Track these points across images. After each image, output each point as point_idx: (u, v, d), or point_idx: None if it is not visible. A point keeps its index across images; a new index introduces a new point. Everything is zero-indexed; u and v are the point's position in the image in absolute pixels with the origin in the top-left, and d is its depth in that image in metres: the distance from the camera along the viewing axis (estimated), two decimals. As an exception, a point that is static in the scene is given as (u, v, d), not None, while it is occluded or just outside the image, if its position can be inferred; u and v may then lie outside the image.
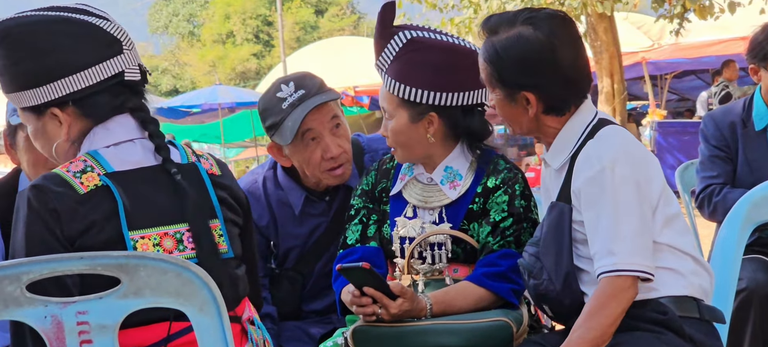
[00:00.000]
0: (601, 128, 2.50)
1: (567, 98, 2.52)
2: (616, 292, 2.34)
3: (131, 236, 2.19)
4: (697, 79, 19.14)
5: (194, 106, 21.04)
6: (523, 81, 2.47)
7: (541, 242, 2.52)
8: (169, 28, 56.18)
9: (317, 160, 3.05)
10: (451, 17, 13.07)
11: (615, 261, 2.34)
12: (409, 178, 2.83)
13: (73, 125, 2.30)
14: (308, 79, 3.07)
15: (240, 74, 46.47)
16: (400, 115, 2.74)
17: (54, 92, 2.26)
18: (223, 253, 2.33)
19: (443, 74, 2.72)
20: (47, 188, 2.17)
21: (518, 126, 2.55)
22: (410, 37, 2.72)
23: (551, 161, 2.57)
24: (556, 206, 2.51)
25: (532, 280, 2.53)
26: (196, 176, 2.34)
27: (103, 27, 2.27)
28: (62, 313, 1.95)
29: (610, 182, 2.37)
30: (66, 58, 2.23)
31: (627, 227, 2.35)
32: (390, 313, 2.55)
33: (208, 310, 2.01)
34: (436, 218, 2.77)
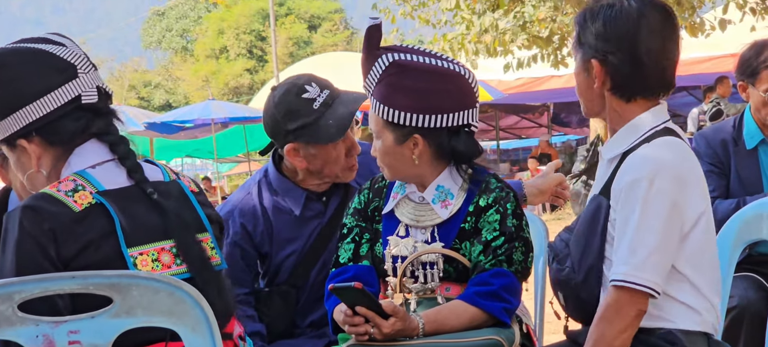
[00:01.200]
0: (663, 137, 2.47)
1: (633, 82, 2.47)
2: (622, 304, 2.35)
3: (130, 253, 2.18)
4: (688, 96, 19.22)
5: (187, 121, 20.99)
6: (596, 47, 2.46)
7: (575, 231, 2.53)
8: (163, 43, 56.22)
9: (343, 156, 3.10)
10: (444, 33, 13.10)
11: (627, 271, 2.34)
12: (402, 197, 2.84)
13: (44, 155, 2.30)
14: (319, 79, 3.11)
15: (233, 89, 46.47)
16: (385, 136, 2.75)
17: (14, 124, 2.26)
18: (217, 265, 2.33)
19: (426, 97, 2.71)
20: (41, 208, 2.15)
21: (588, 101, 2.55)
22: (393, 59, 2.71)
23: (605, 151, 2.57)
24: (596, 199, 2.51)
25: (555, 264, 2.55)
26: (180, 192, 2.35)
27: (57, 53, 2.26)
28: (54, 333, 1.95)
29: (645, 192, 2.35)
30: (20, 89, 2.23)
31: (648, 241, 2.34)
32: (382, 333, 2.55)
33: (201, 329, 2.02)
34: (428, 237, 2.77)
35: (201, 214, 2.35)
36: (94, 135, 2.30)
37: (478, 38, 12.38)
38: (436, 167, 2.79)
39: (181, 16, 55.75)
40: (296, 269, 3.18)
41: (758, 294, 3.48)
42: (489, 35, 12.27)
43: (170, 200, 2.28)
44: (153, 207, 2.24)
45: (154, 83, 52.95)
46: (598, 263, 2.47)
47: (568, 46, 12.98)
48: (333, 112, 3.02)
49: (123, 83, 49.31)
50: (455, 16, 12.94)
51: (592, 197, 2.54)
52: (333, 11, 50.48)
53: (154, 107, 47.63)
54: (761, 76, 3.65)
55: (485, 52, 12.55)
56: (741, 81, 3.76)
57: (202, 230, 2.33)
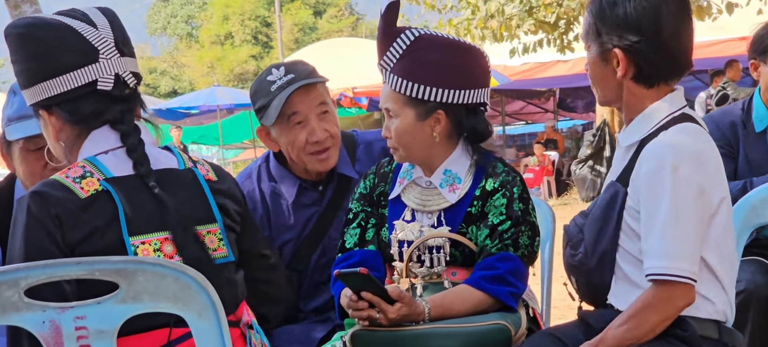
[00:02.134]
0: (680, 123, 2.45)
1: (659, 68, 2.46)
2: (663, 299, 2.34)
3: (132, 242, 2.19)
4: (695, 80, 19.15)
5: (193, 107, 21.06)
6: (619, 36, 2.43)
7: (589, 216, 2.52)
8: (168, 30, 56.21)
9: (302, 143, 3.06)
10: (450, 18, 13.07)
11: (667, 264, 2.32)
12: (408, 182, 2.83)
13: (63, 129, 2.33)
14: (300, 65, 3.11)
15: (238, 76, 46.48)
16: (405, 114, 2.74)
17: (37, 95, 2.30)
18: (223, 257, 2.33)
19: (450, 71, 2.72)
20: (48, 194, 2.17)
21: (605, 90, 2.52)
22: (418, 34, 2.72)
23: (622, 139, 2.55)
24: (613, 186, 2.49)
25: (569, 249, 2.54)
26: (193, 181, 2.35)
27: (85, 34, 2.27)
28: (61, 318, 1.95)
29: (671, 181, 2.33)
30: (44, 63, 2.27)
31: (681, 231, 2.33)
32: (388, 318, 2.54)
33: (207, 315, 2.02)
34: (435, 222, 2.77)
35: (212, 204, 2.35)
36: (109, 122, 2.31)
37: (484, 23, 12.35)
38: (449, 148, 2.79)
39: (185, 2, 55.72)
40: (295, 255, 3.19)
41: (765, 279, 3.46)
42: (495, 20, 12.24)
43: (173, 194, 2.28)
44: (155, 199, 2.25)
45: (160, 70, 52.96)
46: (611, 250, 2.46)
47: (574, 31, 12.94)
48: (282, 94, 3.02)
49: (129, 70, 49.18)
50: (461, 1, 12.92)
51: (608, 184, 2.52)
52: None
53: (159, 93, 47.67)
54: None
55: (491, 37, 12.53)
56: (753, 59, 3.75)
57: (210, 221, 2.33)
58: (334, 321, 3.04)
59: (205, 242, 2.30)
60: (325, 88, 3.12)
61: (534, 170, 17.49)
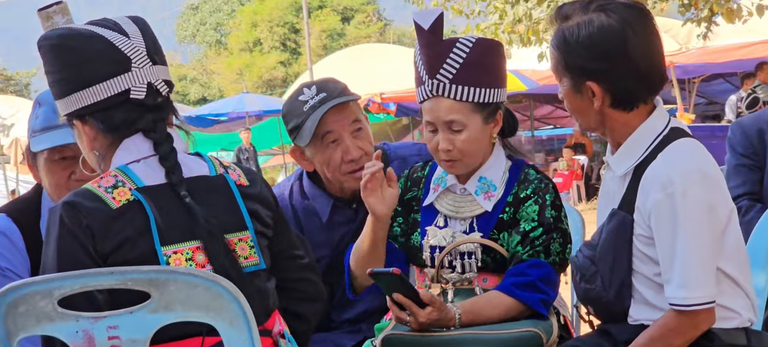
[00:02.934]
0: (673, 141, 2.42)
1: (635, 91, 2.43)
2: (683, 328, 2.34)
3: (164, 252, 2.20)
4: (725, 83, 19.02)
5: (222, 114, 21.16)
6: (590, 68, 2.39)
7: (599, 248, 2.49)
8: (197, 38, 56.48)
9: (337, 162, 3.06)
10: (477, 23, 13.05)
11: (686, 295, 2.31)
12: (443, 189, 2.83)
13: (96, 138, 2.34)
14: (331, 83, 3.10)
15: (267, 82, 46.62)
16: (473, 122, 2.71)
17: (71, 105, 2.31)
18: (254, 265, 2.33)
19: (501, 70, 2.76)
20: (80, 205, 2.18)
21: (585, 119, 2.50)
22: (476, 38, 2.71)
23: (615, 166, 2.51)
24: (618, 215, 2.46)
25: (583, 283, 2.52)
26: (224, 188, 2.36)
27: (116, 44, 2.28)
28: (94, 328, 1.97)
29: (682, 207, 2.31)
30: (78, 73, 2.28)
31: (698, 257, 2.32)
32: (418, 321, 2.55)
33: (238, 324, 2.02)
34: (467, 228, 2.76)
35: (243, 211, 2.35)
36: (141, 130, 2.32)
37: (511, 28, 12.32)
38: (489, 152, 2.80)
39: (214, 9, 55.97)
40: (328, 269, 3.19)
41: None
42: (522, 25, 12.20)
43: (204, 202, 2.28)
44: (185, 208, 2.25)
45: (189, 78, 53.22)
46: (628, 278, 2.45)
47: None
48: (315, 114, 3.00)
49: (158, 78, 49.45)
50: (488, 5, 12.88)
51: (611, 212, 2.48)
52: (366, 3, 50.45)
53: (189, 101, 47.92)
54: None
55: (519, 41, 12.49)
56: None
57: (242, 228, 2.33)
58: (365, 333, 3.05)
59: (237, 250, 2.30)
60: (357, 105, 3.11)
61: (563, 175, 17.42)
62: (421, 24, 2.67)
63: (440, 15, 2.67)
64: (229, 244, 2.28)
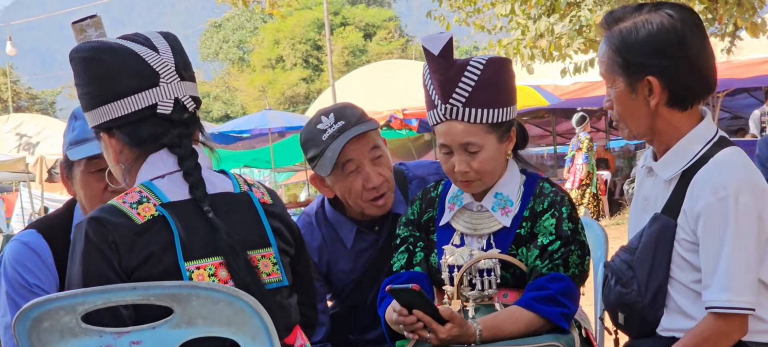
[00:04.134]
0: (723, 148, 2.44)
1: (693, 87, 2.45)
2: (727, 330, 2.34)
3: (187, 267, 2.20)
4: (749, 97, 18.90)
5: (244, 131, 21.20)
6: (649, 63, 2.42)
7: (638, 252, 2.49)
8: (220, 55, 56.77)
9: (358, 190, 3.06)
10: (499, 39, 13.04)
11: (729, 297, 2.31)
12: (459, 207, 2.82)
13: (123, 151, 2.36)
14: (348, 109, 3.09)
15: (289, 99, 46.74)
16: (489, 142, 2.72)
17: (99, 117, 2.33)
18: (278, 281, 2.34)
19: (512, 87, 2.76)
20: (105, 220, 2.20)
21: (635, 123, 2.50)
22: (488, 58, 2.71)
23: (661, 171, 2.51)
24: (660, 219, 2.46)
25: (618, 287, 2.51)
26: (249, 205, 2.36)
27: (146, 58, 2.30)
28: (117, 343, 1.98)
29: (733, 212, 2.32)
30: (107, 86, 2.30)
31: (744, 263, 2.32)
32: (439, 338, 2.54)
33: (260, 339, 2.03)
34: (484, 245, 2.76)
35: (267, 228, 2.35)
36: (167, 145, 2.34)
37: (533, 43, 12.29)
38: (504, 168, 2.80)
39: (237, 27, 56.25)
40: (353, 292, 3.20)
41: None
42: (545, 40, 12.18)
43: (228, 218, 2.28)
44: (209, 224, 2.26)
45: (213, 95, 53.48)
46: (665, 284, 2.45)
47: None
48: (334, 144, 3.00)
49: (181, 95, 49.75)
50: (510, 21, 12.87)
51: (653, 217, 2.49)
52: (387, 19, 50.57)
53: (212, 118, 48.15)
54: None
55: (541, 56, 12.46)
56: None
57: (265, 245, 2.34)
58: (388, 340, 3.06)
59: (260, 267, 2.30)
60: (377, 133, 3.11)
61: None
62: (431, 50, 2.67)
63: (450, 39, 2.67)
64: (252, 260, 2.29)
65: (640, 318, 2.48)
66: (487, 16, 13.30)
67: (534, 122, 23.06)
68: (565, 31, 11.96)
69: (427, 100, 2.77)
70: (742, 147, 2.53)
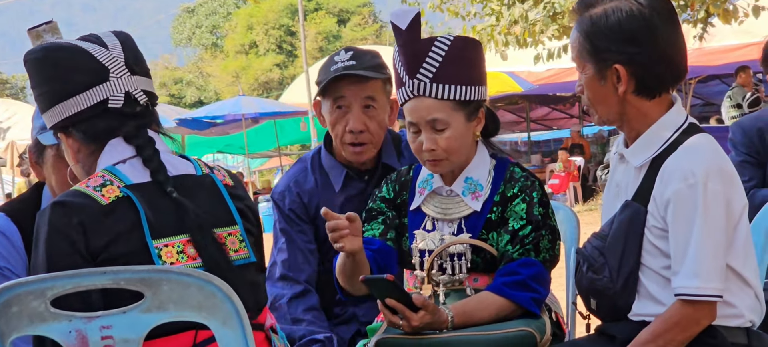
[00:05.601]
0: (693, 135, 2.45)
1: (661, 76, 2.46)
2: (689, 320, 2.35)
3: (155, 245, 2.22)
4: (721, 84, 19.05)
5: (218, 117, 21.12)
6: (617, 50, 2.42)
7: (609, 239, 2.50)
8: (193, 40, 56.51)
9: (341, 130, 3.12)
10: (474, 25, 13.05)
11: (698, 285, 2.33)
12: (429, 192, 2.82)
13: (81, 149, 2.39)
14: (368, 55, 3.14)
15: (263, 84, 46.64)
16: (456, 120, 2.71)
17: (54, 117, 2.36)
18: (244, 258, 2.36)
19: (481, 66, 2.75)
20: (70, 203, 2.21)
21: (605, 109, 2.50)
22: (453, 37, 2.70)
23: (632, 158, 2.52)
24: (631, 206, 2.47)
25: (590, 273, 2.52)
26: (211, 186, 2.39)
27: (96, 55, 2.34)
28: (87, 328, 1.97)
29: (702, 198, 2.33)
30: (60, 85, 2.34)
31: (713, 250, 2.33)
32: (411, 325, 2.54)
33: (232, 323, 2.02)
34: (455, 230, 2.76)
35: (231, 207, 2.37)
36: (123, 136, 2.36)
37: (507, 29, 12.31)
38: (473, 151, 2.80)
39: (210, 12, 56.00)
40: None
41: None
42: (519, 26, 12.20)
43: (192, 197, 2.31)
44: (173, 203, 2.28)
45: (185, 80, 53.25)
46: (636, 270, 2.46)
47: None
48: (333, 76, 3.06)
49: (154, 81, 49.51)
50: (485, 7, 12.88)
51: (624, 204, 2.50)
52: (362, 5, 50.50)
53: (185, 104, 47.92)
54: None
55: (515, 43, 12.49)
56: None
57: (230, 223, 2.36)
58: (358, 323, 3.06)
59: (227, 244, 2.33)
60: (380, 85, 3.12)
61: (560, 176, 17.43)
62: (399, 24, 2.67)
63: (417, 14, 2.67)
64: (219, 238, 2.31)
65: (611, 304, 2.49)
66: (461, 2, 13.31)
67: (508, 108, 23.14)
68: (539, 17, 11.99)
69: (395, 79, 2.78)
70: (715, 133, 2.55)
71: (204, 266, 2.24)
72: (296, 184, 3.27)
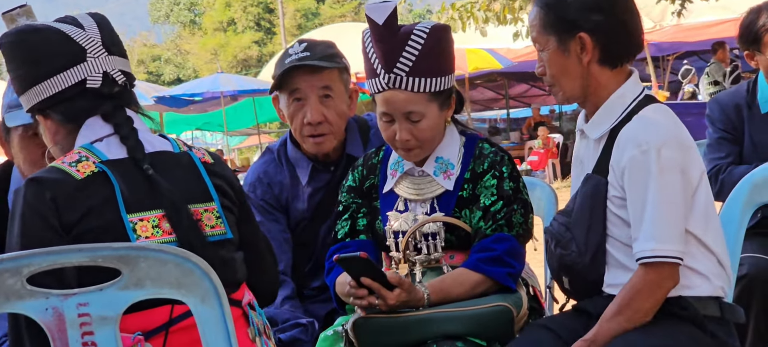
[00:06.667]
0: (648, 105, 2.49)
1: (623, 45, 2.50)
2: (653, 283, 2.37)
3: (130, 219, 2.23)
4: (699, 60, 19.11)
5: (196, 94, 21.02)
6: (581, 19, 2.46)
7: (574, 213, 2.52)
8: (171, 17, 56.14)
9: (299, 122, 3.11)
10: (453, 2, 13.03)
11: (655, 246, 2.35)
12: (401, 174, 2.82)
13: (58, 131, 2.39)
14: (321, 46, 3.13)
15: (242, 62, 46.47)
16: (431, 110, 2.71)
17: (31, 99, 2.36)
18: (221, 234, 2.36)
19: (452, 53, 2.75)
20: (43, 179, 2.21)
21: (569, 82, 2.52)
22: (431, 25, 2.70)
23: (590, 131, 2.56)
24: (592, 179, 2.50)
25: (558, 249, 2.54)
26: (189, 163, 2.39)
27: (72, 36, 2.33)
28: (63, 305, 1.96)
29: (656, 164, 2.36)
30: (36, 66, 2.33)
31: (669, 213, 2.36)
32: (387, 304, 2.54)
33: (210, 301, 2.02)
34: (428, 210, 2.77)
35: (208, 183, 2.38)
36: (101, 115, 2.36)
37: (487, 6, 12.30)
38: (442, 132, 2.79)
39: (188, -11, 55.63)
40: (304, 230, 3.23)
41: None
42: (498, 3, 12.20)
43: (168, 174, 2.31)
44: (148, 180, 2.28)
45: (164, 58, 52.96)
46: (603, 242, 2.48)
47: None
48: (287, 69, 3.05)
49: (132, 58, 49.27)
50: (464, -16, 12.87)
51: (585, 177, 2.53)
52: (340, -18, 50.28)
53: (163, 81, 47.67)
54: (765, 41, 3.61)
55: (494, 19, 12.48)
56: (746, 50, 3.71)
57: (207, 199, 2.36)
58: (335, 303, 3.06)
59: (203, 220, 2.34)
60: (336, 74, 3.12)
61: (538, 153, 17.47)
62: (375, 19, 2.65)
63: (394, 9, 2.65)
64: (195, 214, 2.31)
65: (582, 279, 2.51)
66: (440, -21, 13.28)
67: (487, 85, 23.16)
68: (519, -6, 11.98)
69: (368, 68, 2.75)
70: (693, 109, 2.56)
71: (177, 241, 2.24)
72: (266, 175, 3.26)
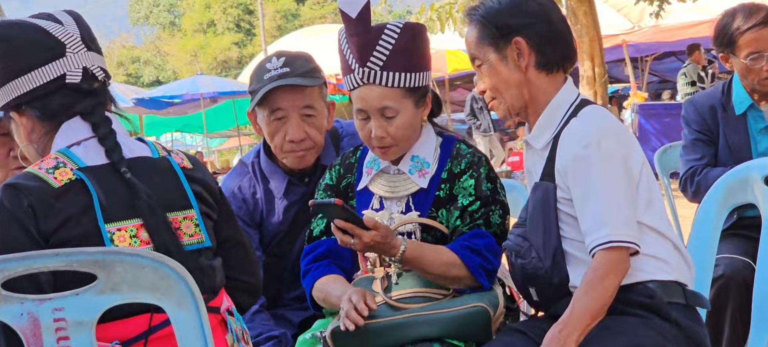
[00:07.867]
0: (584, 107, 2.53)
1: (558, 49, 2.55)
2: (613, 264, 2.37)
3: (108, 229, 2.20)
4: (677, 61, 19.21)
5: (176, 96, 20.96)
6: (515, 23, 2.51)
7: (528, 222, 2.55)
8: (150, 19, 55.98)
9: (280, 140, 3.08)
10: (432, 3, 13.06)
11: (608, 232, 2.36)
12: (376, 172, 2.83)
13: (34, 129, 2.35)
14: (300, 60, 3.10)
15: (221, 63, 46.37)
16: (405, 107, 2.72)
17: (7, 95, 2.32)
18: (199, 242, 2.34)
19: (427, 51, 2.77)
20: (21, 186, 2.18)
21: (510, 93, 2.56)
22: (404, 23, 2.71)
23: (534, 141, 2.60)
24: (541, 186, 2.53)
25: (519, 260, 2.55)
26: (168, 169, 2.36)
27: (51, 31, 2.30)
28: (39, 310, 1.94)
29: (596, 157, 2.40)
30: (13, 61, 2.29)
31: (616, 200, 2.38)
32: (363, 242, 2.54)
33: (186, 305, 2.01)
34: (403, 208, 2.78)
35: (188, 190, 2.35)
36: (80, 114, 2.32)
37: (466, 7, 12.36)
38: (418, 130, 2.80)
39: (167, -10, 55.44)
40: (280, 243, 3.21)
41: (744, 263, 3.47)
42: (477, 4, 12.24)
43: (146, 180, 2.29)
44: (127, 186, 2.26)
45: (143, 59, 52.77)
46: (560, 245, 2.50)
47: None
48: (268, 87, 3.01)
49: (111, 60, 49.13)
50: (443, -15, 12.90)
51: (534, 186, 2.57)
52: (320, -17, 50.25)
53: (143, 83, 47.50)
54: (739, 44, 3.63)
55: (473, 21, 12.51)
56: (721, 52, 3.74)
57: (186, 207, 2.34)
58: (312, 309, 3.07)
59: (182, 228, 2.31)
60: (317, 92, 3.11)
61: (520, 153, 17.51)
62: (348, 13, 2.66)
63: (367, 2, 2.66)
64: (173, 222, 2.29)
65: (547, 284, 2.52)
66: (419, -20, 13.30)
67: (467, 86, 23.16)
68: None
69: (343, 65, 2.76)
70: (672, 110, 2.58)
71: (154, 250, 2.22)
72: (240, 190, 3.24)
